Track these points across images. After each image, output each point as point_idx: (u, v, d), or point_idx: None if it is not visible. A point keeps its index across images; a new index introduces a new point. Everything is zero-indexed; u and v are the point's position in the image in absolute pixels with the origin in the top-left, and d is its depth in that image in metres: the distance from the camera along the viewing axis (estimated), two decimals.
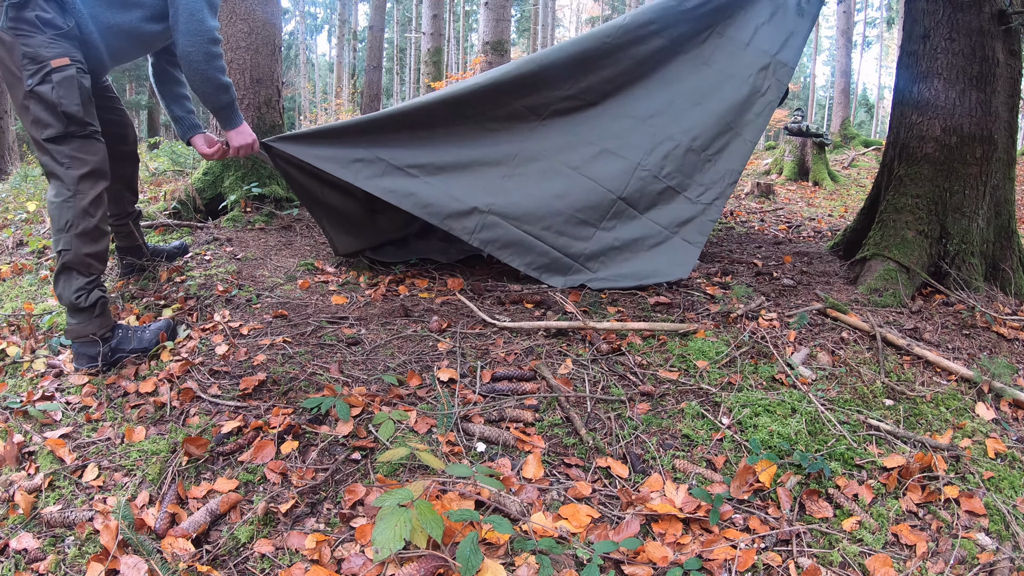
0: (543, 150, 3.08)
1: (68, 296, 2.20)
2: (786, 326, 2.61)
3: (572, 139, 3.11)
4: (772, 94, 3.39)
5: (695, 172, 3.25)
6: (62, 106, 2.10)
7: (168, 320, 2.47)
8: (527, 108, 3.06)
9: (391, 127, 2.94)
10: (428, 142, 2.96)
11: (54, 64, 2.09)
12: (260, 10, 3.96)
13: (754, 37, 3.35)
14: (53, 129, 2.13)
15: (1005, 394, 2.28)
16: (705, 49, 3.29)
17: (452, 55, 25.54)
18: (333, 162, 2.85)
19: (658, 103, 3.22)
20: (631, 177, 3.12)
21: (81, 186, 2.16)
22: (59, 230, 2.17)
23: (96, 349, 2.22)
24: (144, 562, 1.44)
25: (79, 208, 2.16)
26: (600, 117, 3.16)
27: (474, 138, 3.03)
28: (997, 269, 3.32)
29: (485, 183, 2.99)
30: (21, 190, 5.26)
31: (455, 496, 1.59)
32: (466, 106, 2.99)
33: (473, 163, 3.01)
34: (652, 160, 3.15)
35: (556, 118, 3.11)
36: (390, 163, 2.89)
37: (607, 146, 3.13)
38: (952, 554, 1.58)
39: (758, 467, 1.76)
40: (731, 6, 3.29)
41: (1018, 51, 3.29)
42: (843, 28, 16.79)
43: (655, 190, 3.16)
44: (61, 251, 2.17)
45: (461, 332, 2.49)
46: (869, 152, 13.47)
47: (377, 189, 2.86)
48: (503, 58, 9.65)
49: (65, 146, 2.15)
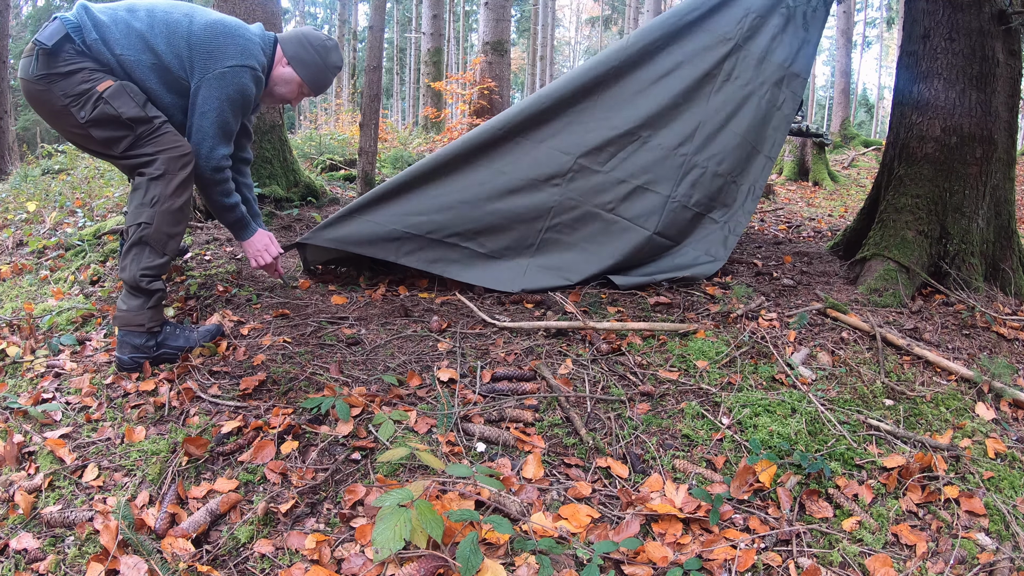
0: (580, 195, 2.99)
1: (134, 272, 2.15)
2: (786, 326, 2.61)
3: (604, 178, 3.01)
4: (788, 107, 3.36)
5: (720, 195, 3.23)
6: (124, 114, 2.11)
7: (218, 324, 2.43)
8: (556, 149, 2.96)
9: (416, 186, 2.85)
10: (461, 203, 2.87)
11: (100, 89, 2.10)
12: (260, 10, 3.96)
13: (770, 49, 3.29)
14: (125, 140, 2.15)
15: (1005, 394, 2.28)
16: (727, 64, 3.20)
17: (452, 55, 25.53)
18: (372, 245, 2.82)
19: (686, 129, 3.13)
20: (664, 211, 3.07)
21: (170, 167, 2.15)
22: (142, 204, 2.15)
23: (140, 340, 2.19)
24: (144, 562, 1.44)
25: (170, 186, 2.15)
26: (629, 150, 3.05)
27: (511, 192, 2.92)
28: (997, 269, 3.32)
29: (522, 241, 2.96)
30: (21, 190, 5.26)
31: (455, 496, 1.59)
32: (494, 157, 2.91)
33: (510, 220, 2.93)
34: (681, 191, 3.11)
35: (588, 155, 2.99)
36: (427, 237, 2.84)
37: (638, 182, 3.05)
38: (952, 554, 1.58)
39: (758, 467, 1.76)
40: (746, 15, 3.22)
41: (1018, 51, 3.29)
42: (843, 28, 16.79)
43: (685, 218, 3.14)
44: (141, 223, 2.14)
45: (461, 332, 2.49)
46: (869, 152, 13.48)
47: (420, 263, 2.86)
48: (503, 58, 9.64)
49: (142, 148, 2.16)
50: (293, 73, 2.43)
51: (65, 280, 3.12)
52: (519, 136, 2.93)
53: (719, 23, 3.17)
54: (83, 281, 3.08)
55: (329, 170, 6.16)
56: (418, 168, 2.87)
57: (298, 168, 4.44)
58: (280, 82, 2.45)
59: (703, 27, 3.15)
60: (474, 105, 9.56)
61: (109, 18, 2.16)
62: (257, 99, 2.40)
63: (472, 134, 2.95)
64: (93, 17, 2.13)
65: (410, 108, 28.40)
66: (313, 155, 6.60)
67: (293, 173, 4.34)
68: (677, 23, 3.10)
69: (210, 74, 2.21)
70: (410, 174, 2.86)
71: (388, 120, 17.35)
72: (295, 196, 4.25)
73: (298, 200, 4.25)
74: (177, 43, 2.20)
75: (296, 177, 4.36)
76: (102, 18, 2.14)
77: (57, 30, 2.07)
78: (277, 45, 2.43)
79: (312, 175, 4.89)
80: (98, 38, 2.12)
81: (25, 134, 21.45)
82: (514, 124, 2.91)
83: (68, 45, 2.08)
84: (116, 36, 2.14)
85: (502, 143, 2.92)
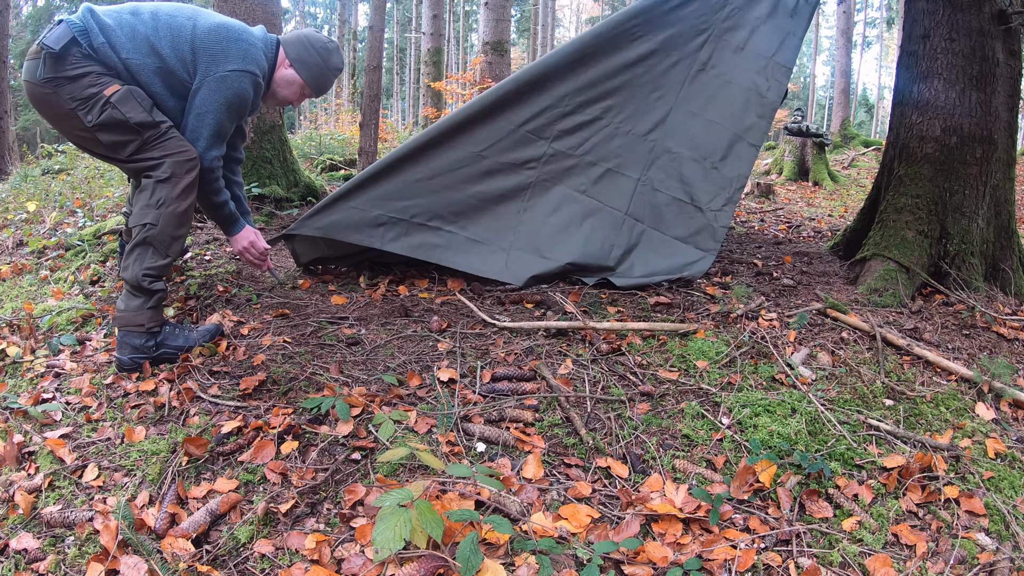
0: (554, 177, 3.09)
1: (136, 272, 2.16)
2: (786, 326, 2.61)
3: (576, 161, 3.11)
4: (772, 96, 3.38)
5: (701, 181, 3.25)
6: (132, 119, 2.12)
7: (217, 324, 2.44)
8: (532, 133, 3.04)
9: (399, 170, 2.90)
10: (441, 185, 2.94)
11: (107, 93, 2.11)
12: (260, 10, 3.96)
13: (751, 39, 3.33)
14: (132, 144, 2.16)
15: (1005, 394, 2.28)
16: (703, 53, 3.26)
17: (452, 55, 25.54)
18: (357, 232, 2.85)
19: (657, 116, 3.21)
20: (634, 193, 3.15)
21: (177, 170, 2.17)
22: (147, 205, 2.16)
23: (140, 340, 2.20)
24: (144, 562, 1.44)
25: (176, 189, 2.17)
26: (601, 135, 3.15)
27: (489, 175, 3.01)
28: (997, 269, 3.32)
29: (502, 223, 3.02)
30: (21, 190, 5.26)
31: (455, 496, 1.59)
32: (473, 140, 2.97)
33: (488, 202, 3.02)
34: (652, 175, 3.18)
35: (562, 139, 3.08)
36: (411, 221, 2.90)
37: (609, 165, 3.15)
38: (952, 554, 1.58)
39: (758, 467, 1.76)
40: (724, 5, 3.26)
41: (1018, 51, 3.29)
42: (843, 28, 16.80)
43: (659, 203, 3.18)
44: (146, 224, 2.15)
45: (461, 332, 2.49)
46: (869, 152, 13.48)
47: (404, 249, 2.90)
48: (503, 58, 9.64)
49: (149, 152, 2.17)
50: (295, 75, 2.45)
51: (65, 280, 3.12)
52: (497, 118, 2.99)
53: (694, 12, 3.21)
54: (83, 281, 3.08)
55: (329, 170, 6.16)
56: (398, 152, 2.92)
57: (298, 168, 4.44)
58: (282, 84, 2.46)
59: (677, 16, 3.18)
60: None
61: (114, 21, 2.16)
62: (255, 103, 2.41)
63: (450, 116, 3.02)
64: (99, 20, 2.13)
65: (410, 108, 28.41)
66: (313, 155, 6.60)
67: (293, 173, 4.35)
68: (651, 11, 3.14)
69: (211, 76, 2.22)
70: (390, 158, 2.91)
71: (388, 120, 17.36)
72: (295, 196, 4.25)
73: (298, 200, 4.25)
74: (181, 46, 2.21)
75: (296, 177, 4.36)
76: (108, 21, 2.14)
77: (64, 34, 2.06)
78: (279, 47, 2.44)
79: (312, 175, 4.90)
80: (105, 41, 2.12)
81: (25, 134, 21.45)
82: (491, 104, 2.97)
83: (75, 49, 2.08)
84: (122, 40, 2.15)
85: (481, 125, 2.98)
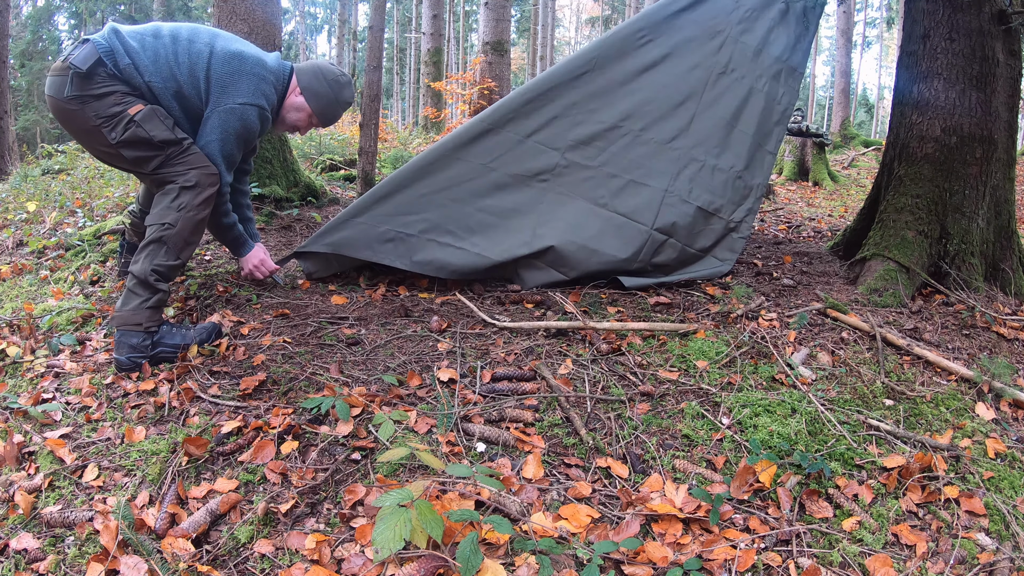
0: (570, 189, 2.96)
1: (146, 267, 2.21)
2: (786, 326, 2.61)
3: (593, 173, 2.98)
4: (787, 101, 3.31)
5: (725, 190, 3.16)
6: (156, 137, 2.21)
7: (215, 323, 2.45)
8: (541, 143, 2.93)
9: (406, 185, 2.85)
10: (449, 199, 2.86)
11: (131, 112, 2.19)
12: (260, 10, 3.96)
13: (767, 42, 3.25)
14: (156, 159, 2.25)
15: (1005, 394, 2.28)
16: (721, 55, 3.16)
17: (452, 55, 25.53)
18: (367, 248, 2.83)
19: (680, 123, 3.07)
20: (661, 205, 3.00)
21: (201, 180, 2.26)
22: (169, 207, 2.23)
23: (137, 340, 2.22)
24: (144, 562, 1.44)
25: (198, 198, 2.26)
26: (620, 144, 3.01)
27: (499, 188, 2.91)
28: (997, 269, 3.32)
29: (516, 240, 2.89)
30: (21, 190, 5.26)
31: (455, 496, 1.59)
32: (479, 152, 2.88)
33: (500, 217, 2.90)
34: (679, 185, 3.04)
35: (577, 149, 2.96)
36: (420, 236, 2.83)
37: (631, 176, 3.00)
38: (952, 554, 1.58)
39: (758, 467, 1.76)
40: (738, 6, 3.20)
41: (1018, 51, 3.29)
42: (843, 28, 16.80)
43: (686, 213, 3.04)
44: (165, 224, 2.22)
45: (461, 332, 2.49)
46: (869, 152, 13.48)
47: (413, 266, 2.85)
48: (503, 58, 9.64)
49: (173, 167, 2.25)
50: (304, 103, 2.54)
51: (65, 280, 3.12)
52: (505, 130, 2.91)
53: (708, 14, 3.14)
54: (83, 281, 3.08)
55: (329, 170, 6.16)
56: (407, 168, 2.88)
57: (298, 168, 4.44)
58: (291, 109, 2.55)
59: (690, 18, 3.11)
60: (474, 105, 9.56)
61: (138, 44, 2.24)
62: (263, 131, 2.50)
63: (454, 132, 2.96)
64: (124, 42, 2.21)
65: (410, 108, 28.40)
66: (313, 155, 6.60)
67: (293, 173, 4.34)
68: (660, 14, 3.07)
69: (221, 107, 2.32)
70: (400, 174, 2.87)
71: (388, 120, 17.34)
72: (295, 196, 4.25)
73: (298, 200, 4.25)
74: (197, 73, 2.30)
75: (296, 177, 4.36)
76: (132, 43, 2.23)
77: (90, 54, 2.14)
78: (293, 74, 2.53)
79: (312, 175, 4.89)
80: (130, 63, 2.21)
81: (25, 134, 21.45)
82: (499, 117, 2.90)
83: (101, 68, 2.16)
84: (145, 63, 2.23)
85: (488, 137, 2.89)
